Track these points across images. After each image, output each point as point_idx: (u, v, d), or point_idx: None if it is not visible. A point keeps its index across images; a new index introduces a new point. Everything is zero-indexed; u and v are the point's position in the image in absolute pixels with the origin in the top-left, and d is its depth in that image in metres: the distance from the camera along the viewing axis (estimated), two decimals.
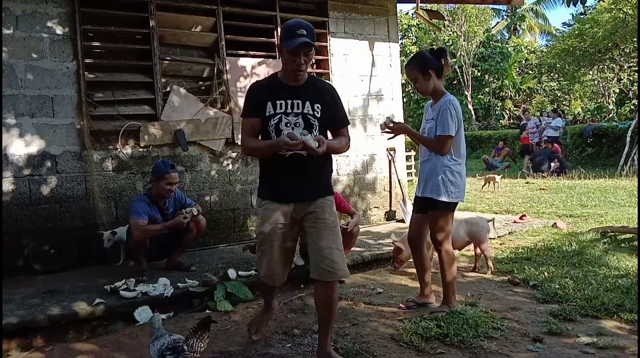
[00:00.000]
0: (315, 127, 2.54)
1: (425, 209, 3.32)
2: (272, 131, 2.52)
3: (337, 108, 2.65)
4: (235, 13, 5.53)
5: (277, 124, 2.51)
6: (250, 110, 2.57)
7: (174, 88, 5.17)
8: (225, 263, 4.37)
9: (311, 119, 2.54)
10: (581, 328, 3.00)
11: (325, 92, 2.62)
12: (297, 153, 2.48)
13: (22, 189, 4.52)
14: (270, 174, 2.66)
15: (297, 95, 2.52)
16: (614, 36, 17.49)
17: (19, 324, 3.11)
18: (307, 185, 2.58)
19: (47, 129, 4.61)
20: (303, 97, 2.51)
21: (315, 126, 2.54)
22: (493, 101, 24.03)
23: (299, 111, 2.52)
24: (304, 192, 2.58)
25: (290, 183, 2.57)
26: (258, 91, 2.59)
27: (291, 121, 2.51)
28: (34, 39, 4.55)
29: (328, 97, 2.60)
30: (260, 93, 2.56)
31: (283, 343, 2.94)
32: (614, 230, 5.52)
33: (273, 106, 2.51)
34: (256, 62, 5.67)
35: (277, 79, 2.60)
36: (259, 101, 2.54)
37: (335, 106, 2.63)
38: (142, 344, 2.96)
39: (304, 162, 2.51)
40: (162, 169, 4.05)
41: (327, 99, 2.60)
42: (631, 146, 12.20)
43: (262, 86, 2.63)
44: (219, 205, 5.45)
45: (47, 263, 4.43)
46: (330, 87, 2.68)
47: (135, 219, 3.96)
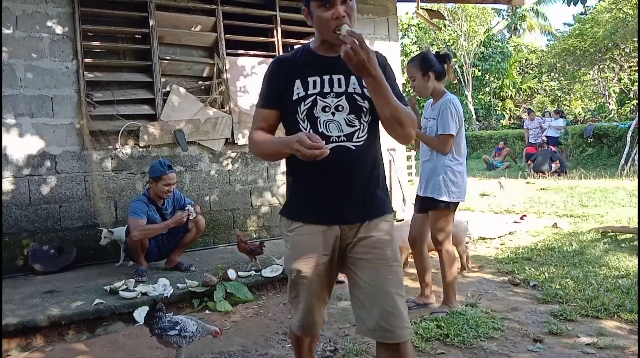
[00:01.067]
0: (366, 111, 1.75)
1: (426, 209, 3.32)
2: (305, 121, 1.74)
3: (392, 84, 1.74)
4: (235, 13, 5.53)
5: (310, 109, 1.73)
6: (265, 97, 1.81)
7: (173, 88, 5.17)
8: (225, 263, 4.37)
9: (359, 100, 1.74)
10: (581, 328, 2.99)
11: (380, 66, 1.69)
12: (341, 145, 1.71)
13: (22, 189, 4.52)
14: (300, 182, 1.81)
15: (338, 68, 1.73)
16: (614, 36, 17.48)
17: (19, 324, 3.10)
18: (357, 197, 1.75)
19: (46, 129, 4.61)
20: (346, 71, 1.64)
21: (366, 110, 1.75)
22: (493, 101, 24.03)
23: (342, 90, 1.74)
24: (353, 208, 1.75)
25: (331, 195, 1.74)
26: (281, 68, 1.80)
27: (330, 103, 1.73)
28: (33, 39, 4.55)
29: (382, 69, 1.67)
30: (284, 70, 1.79)
31: (283, 343, 2.94)
32: (614, 230, 5.51)
33: (304, 85, 1.75)
34: (256, 62, 5.66)
35: (307, 50, 1.83)
36: (281, 83, 1.77)
37: (389, 81, 1.70)
38: (142, 344, 2.96)
39: (352, 160, 1.73)
40: (159, 171, 4.04)
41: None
42: (631, 146, 12.19)
43: (287, 60, 1.84)
44: (219, 205, 5.44)
45: (47, 263, 4.43)
46: (382, 57, 1.79)
47: (134, 220, 3.96)
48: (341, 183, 1.73)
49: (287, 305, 3.59)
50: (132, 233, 3.95)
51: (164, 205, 4.20)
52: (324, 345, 2.88)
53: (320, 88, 1.74)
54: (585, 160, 14.12)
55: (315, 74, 1.76)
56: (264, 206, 5.72)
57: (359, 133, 1.74)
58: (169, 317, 2.62)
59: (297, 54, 1.84)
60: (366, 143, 1.75)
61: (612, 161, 13.12)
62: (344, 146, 1.72)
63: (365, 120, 1.75)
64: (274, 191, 5.78)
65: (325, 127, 1.72)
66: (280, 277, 4.03)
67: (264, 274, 4.01)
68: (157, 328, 2.56)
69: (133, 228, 3.95)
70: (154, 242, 4.18)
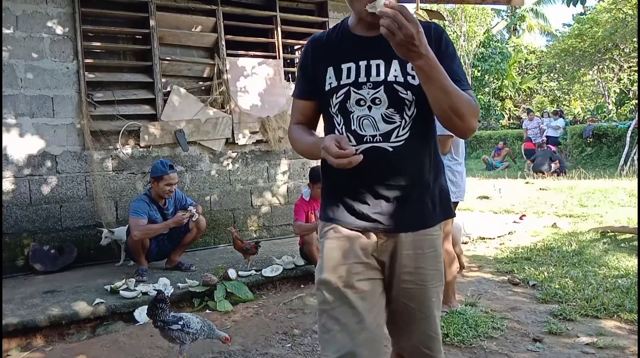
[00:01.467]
0: (410, 104, 1.41)
1: None
2: (338, 116, 1.47)
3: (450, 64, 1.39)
4: (235, 13, 5.54)
5: (343, 103, 1.44)
6: (299, 87, 1.57)
7: (174, 88, 5.18)
8: (225, 263, 4.37)
9: (401, 91, 1.41)
10: (581, 328, 3.00)
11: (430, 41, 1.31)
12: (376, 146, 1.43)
13: (22, 189, 4.52)
14: (333, 183, 1.53)
15: (377, 51, 1.41)
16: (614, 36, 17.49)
17: (19, 324, 3.10)
18: (395, 205, 1.44)
19: (47, 129, 4.61)
20: (388, 54, 1.35)
21: (409, 103, 1.41)
22: (493, 101, 24.02)
23: (380, 79, 1.41)
24: (389, 215, 1.44)
25: (364, 198, 1.45)
26: (312, 53, 1.53)
27: (366, 96, 1.41)
28: (34, 39, 4.55)
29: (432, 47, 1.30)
30: (316, 54, 1.52)
31: (283, 343, 2.94)
32: (614, 230, 5.52)
33: (336, 73, 1.45)
34: (256, 62, 5.67)
35: (344, 27, 1.52)
36: (313, 70, 1.51)
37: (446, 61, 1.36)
38: (142, 344, 2.96)
39: (390, 164, 1.43)
40: (160, 170, 4.05)
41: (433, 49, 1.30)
42: (631, 146, 12.20)
43: (319, 42, 1.54)
44: (219, 205, 5.45)
45: (47, 263, 4.43)
46: (438, 30, 1.45)
47: (134, 219, 3.96)
48: (376, 188, 1.44)
49: (287, 304, 3.60)
50: (133, 232, 3.96)
51: (165, 205, 4.21)
52: None
53: (355, 77, 1.43)
54: (584, 160, 14.12)
55: (350, 59, 1.45)
56: (264, 206, 5.72)
57: (399, 131, 1.42)
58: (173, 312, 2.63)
59: (333, 33, 1.53)
60: (409, 143, 1.42)
61: (612, 161, 13.13)
62: (379, 147, 1.42)
63: (408, 114, 1.42)
64: (274, 191, 5.79)
65: (358, 125, 1.43)
66: (280, 277, 4.04)
67: (264, 274, 4.01)
68: (159, 321, 2.57)
69: (134, 228, 3.95)
70: (154, 242, 4.18)
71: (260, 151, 5.68)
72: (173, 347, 2.91)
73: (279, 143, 5.70)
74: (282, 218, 5.81)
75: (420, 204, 1.46)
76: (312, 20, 6.02)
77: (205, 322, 2.66)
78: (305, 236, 4.03)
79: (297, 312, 3.46)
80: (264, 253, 4.56)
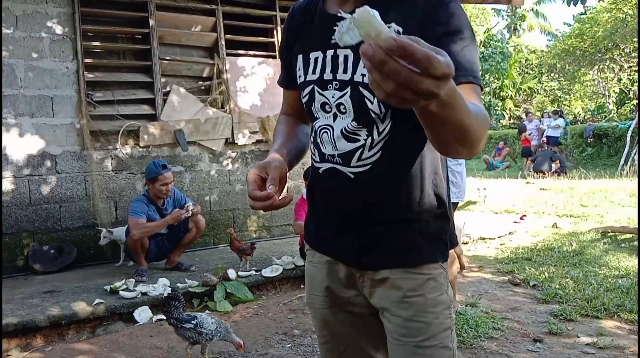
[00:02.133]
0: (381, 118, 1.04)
1: None
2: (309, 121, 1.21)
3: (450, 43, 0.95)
4: (235, 13, 5.53)
5: (309, 106, 1.13)
6: (281, 72, 1.26)
7: (173, 88, 5.17)
8: (225, 263, 4.37)
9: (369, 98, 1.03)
10: (581, 328, 2.99)
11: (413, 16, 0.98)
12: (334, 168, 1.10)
13: (22, 189, 4.52)
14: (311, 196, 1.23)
15: None
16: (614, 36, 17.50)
17: (19, 324, 3.10)
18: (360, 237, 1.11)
19: (46, 129, 4.61)
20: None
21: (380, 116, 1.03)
22: (493, 101, 24.03)
23: (346, 77, 1.05)
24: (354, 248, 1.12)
25: (328, 224, 1.17)
26: (289, 30, 1.21)
27: (331, 100, 1.07)
28: (34, 39, 4.55)
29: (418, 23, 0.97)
30: (292, 33, 1.20)
31: (283, 343, 2.94)
32: (614, 230, 5.52)
33: (305, 64, 1.12)
34: (256, 62, 5.66)
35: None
36: (288, 53, 1.19)
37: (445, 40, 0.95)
38: (142, 344, 2.96)
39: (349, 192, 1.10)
40: (154, 172, 4.04)
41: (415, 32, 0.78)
42: (631, 146, 12.20)
43: (296, 16, 1.20)
44: (219, 205, 5.44)
45: (47, 263, 4.43)
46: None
47: (133, 219, 3.97)
48: (340, 217, 1.12)
49: (287, 304, 3.59)
50: (132, 231, 3.96)
51: (164, 205, 4.21)
52: None
53: (320, 72, 1.07)
54: (585, 160, 14.12)
55: (318, 46, 1.08)
56: None
57: (362, 152, 1.05)
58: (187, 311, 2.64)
59: (311, 4, 1.15)
60: (379, 168, 1.05)
61: (612, 161, 13.12)
62: (338, 170, 1.08)
63: (378, 130, 1.04)
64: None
65: (320, 137, 1.10)
66: (280, 277, 4.04)
67: (264, 274, 4.01)
68: (172, 319, 2.56)
69: (132, 227, 3.95)
70: (153, 242, 4.18)
71: (260, 151, 5.68)
72: (173, 347, 2.91)
73: None
74: (282, 218, 5.80)
75: (403, 237, 1.08)
76: None
77: (221, 324, 2.64)
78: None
79: (297, 312, 3.45)
80: (264, 253, 4.56)
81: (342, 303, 1.18)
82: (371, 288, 1.12)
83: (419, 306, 1.07)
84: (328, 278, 1.18)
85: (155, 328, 3.21)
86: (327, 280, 1.18)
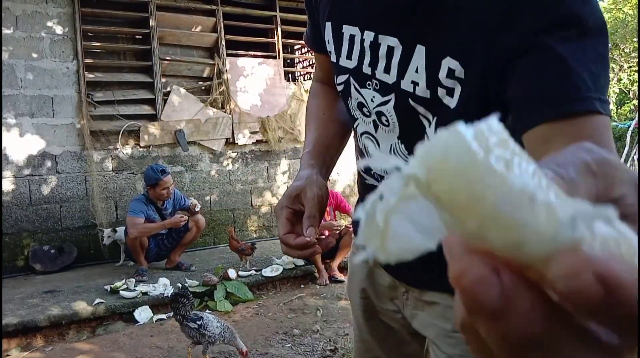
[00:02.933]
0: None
1: None
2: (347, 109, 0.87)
3: (562, 50, 0.54)
4: (235, 13, 5.53)
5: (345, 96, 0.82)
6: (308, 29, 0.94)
7: (174, 88, 5.18)
8: (225, 263, 4.37)
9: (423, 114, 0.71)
10: None
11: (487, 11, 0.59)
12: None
13: (22, 189, 4.52)
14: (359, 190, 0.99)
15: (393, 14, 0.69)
16: (614, 36, 17.50)
17: (19, 324, 3.10)
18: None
19: (47, 129, 4.61)
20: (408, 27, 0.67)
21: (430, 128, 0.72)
22: None
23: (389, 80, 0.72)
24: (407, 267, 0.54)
25: None
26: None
27: (369, 103, 0.77)
28: (34, 39, 4.55)
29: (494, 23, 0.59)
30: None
31: (283, 343, 2.94)
32: None
33: (335, 38, 0.79)
34: (256, 62, 5.67)
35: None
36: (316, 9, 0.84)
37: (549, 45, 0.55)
38: (142, 344, 2.96)
39: None
40: (154, 178, 4.02)
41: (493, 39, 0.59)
42: (631, 146, 12.20)
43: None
44: (219, 205, 5.45)
45: (47, 263, 4.43)
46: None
47: (131, 218, 3.97)
48: None
49: (287, 304, 3.60)
50: (130, 231, 3.97)
51: (163, 205, 4.21)
52: (324, 344, 2.88)
53: (357, 60, 0.76)
54: None
55: (355, 19, 0.76)
56: (264, 206, 5.72)
57: None
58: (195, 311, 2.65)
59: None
60: None
61: None
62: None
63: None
64: (274, 191, 5.78)
65: (363, 145, 0.85)
66: (280, 277, 4.04)
67: (264, 274, 4.01)
68: (179, 315, 2.58)
69: (130, 226, 3.97)
70: (153, 242, 4.19)
71: (260, 151, 5.68)
72: (173, 347, 2.91)
73: (279, 143, 5.70)
74: None
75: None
76: None
77: (227, 328, 2.62)
78: None
79: (297, 312, 3.45)
80: (264, 252, 4.56)
81: (377, 311, 0.99)
82: (414, 310, 0.91)
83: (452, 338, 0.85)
84: (367, 280, 0.98)
85: (156, 328, 3.22)
86: (365, 282, 0.98)
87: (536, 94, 0.55)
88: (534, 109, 0.54)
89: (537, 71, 0.56)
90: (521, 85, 0.57)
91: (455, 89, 0.65)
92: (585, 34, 0.56)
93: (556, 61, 0.55)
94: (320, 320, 3.25)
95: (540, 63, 0.56)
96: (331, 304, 3.54)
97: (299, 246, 0.72)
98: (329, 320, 3.24)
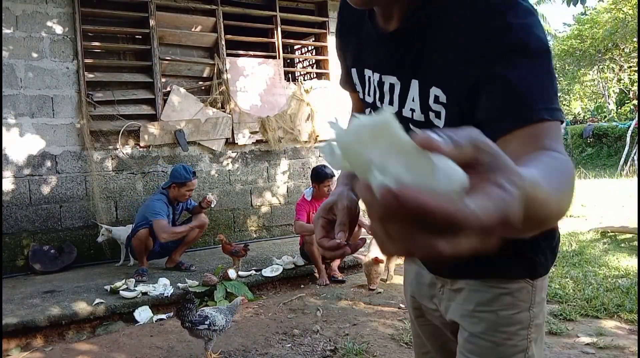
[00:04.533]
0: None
1: None
2: None
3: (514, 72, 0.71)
4: (235, 13, 5.53)
5: None
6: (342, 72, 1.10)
7: (174, 88, 5.18)
8: (225, 263, 4.37)
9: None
10: (581, 328, 3.00)
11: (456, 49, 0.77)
12: None
13: (22, 189, 4.52)
14: None
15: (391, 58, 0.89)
16: (614, 36, 17.50)
17: (19, 324, 3.10)
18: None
19: (47, 129, 4.61)
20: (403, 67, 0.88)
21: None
22: None
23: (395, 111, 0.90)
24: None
25: None
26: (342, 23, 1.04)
27: None
28: (34, 39, 4.55)
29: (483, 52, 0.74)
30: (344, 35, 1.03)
31: (283, 343, 2.94)
32: (614, 230, 5.52)
33: (360, 80, 1.01)
34: (256, 62, 5.67)
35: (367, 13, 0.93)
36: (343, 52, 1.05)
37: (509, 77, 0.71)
38: (142, 344, 2.96)
39: None
40: (184, 177, 4.10)
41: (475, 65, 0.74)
42: (631, 146, 12.20)
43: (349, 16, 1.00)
44: (219, 205, 5.44)
45: (47, 263, 4.43)
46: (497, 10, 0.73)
47: (159, 221, 3.96)
48: None
49: (287, 304, 3.59)
50: (161, 235, 3.95)
51: (178, 205, 4.29)
52: (324, 344, 2.88)
53: (373, 96, 0.96)
54: (585, 160, 14.13)
55: (369, 64, 0.95)
56: (264, 206, 5.72)
57: None
58: (199, 310, 2.66)
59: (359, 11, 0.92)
60: None
61: (612, 161, 13.13)
62: None
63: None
64: (274, 191, 5.78)
65: None
66: (280, 277, 4.04)
67: (264, 274, 4.01)
68: (187, 322, 2.60)
69: (161, 231, 3.94)
70: (158, 241, 4.19)
71: (260, 151, 5.68)
72: (173, 347, 2.91)
73: (279, 143, 5.70)
74: (282, 218, 5.81)
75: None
76: (312, 20, 6.02)
77: (225, 313, 2.71)
78: (306, 236, 4.03)
79: (297, 312, 3.45)
80: (264, 253, 4.57)
81: (423, 310, 1.12)
82: (448, 302, 1.02)
83: (489, 324, 0.96)
84: (415, 280, 1.12)
85: (156, 328, 3.22)
86: (413, 282, 1.13)
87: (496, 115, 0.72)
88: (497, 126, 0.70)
89: (495, 95, 0.72)
90: (484, 110, 0.74)
91: (441, 112, 0.83)
92: (531, 56, 0.72)
93: (508, 86, 0.71)
94: (320, 320, 3.25)
95: (496, 90, 0.72)
96: (331, 304, 3.54)
97: (331, 247, 0.85)
98: (329, 320, 3.24)
